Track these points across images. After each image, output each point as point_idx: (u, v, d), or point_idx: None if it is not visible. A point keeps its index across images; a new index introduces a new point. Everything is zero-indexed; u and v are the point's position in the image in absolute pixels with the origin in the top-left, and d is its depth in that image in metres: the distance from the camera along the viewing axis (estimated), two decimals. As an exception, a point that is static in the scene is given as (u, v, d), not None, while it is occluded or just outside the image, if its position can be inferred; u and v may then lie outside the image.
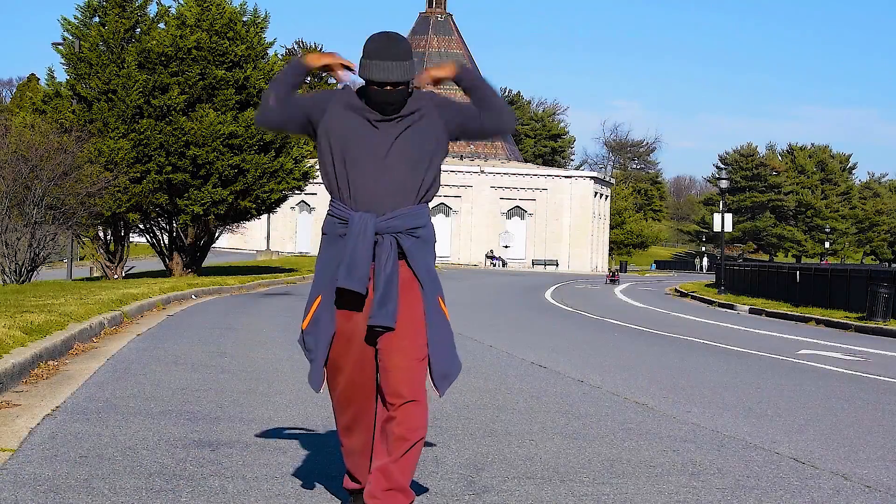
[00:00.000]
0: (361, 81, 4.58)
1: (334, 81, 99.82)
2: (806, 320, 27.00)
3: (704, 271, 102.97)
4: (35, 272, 26.65)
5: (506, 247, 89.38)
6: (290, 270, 44.80)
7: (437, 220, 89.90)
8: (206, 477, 5.68)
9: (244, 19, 36.27)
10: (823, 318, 26.47)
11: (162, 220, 36.40)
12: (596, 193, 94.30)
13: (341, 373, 4.73)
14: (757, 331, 22.27)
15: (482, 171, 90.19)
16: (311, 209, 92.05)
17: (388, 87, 4.48)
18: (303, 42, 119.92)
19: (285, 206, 57.14)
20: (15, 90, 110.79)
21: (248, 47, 35.52)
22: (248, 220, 39.20)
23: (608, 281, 60.97)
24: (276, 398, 8.68)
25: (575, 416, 8.51)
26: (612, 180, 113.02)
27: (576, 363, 12.87)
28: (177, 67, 34.20)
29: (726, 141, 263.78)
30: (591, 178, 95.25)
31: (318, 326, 4.70)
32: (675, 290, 48.45)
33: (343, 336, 4.69)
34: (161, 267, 39.56)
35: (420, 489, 5.56)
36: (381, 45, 4.47)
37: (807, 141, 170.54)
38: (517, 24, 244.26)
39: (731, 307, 33.73)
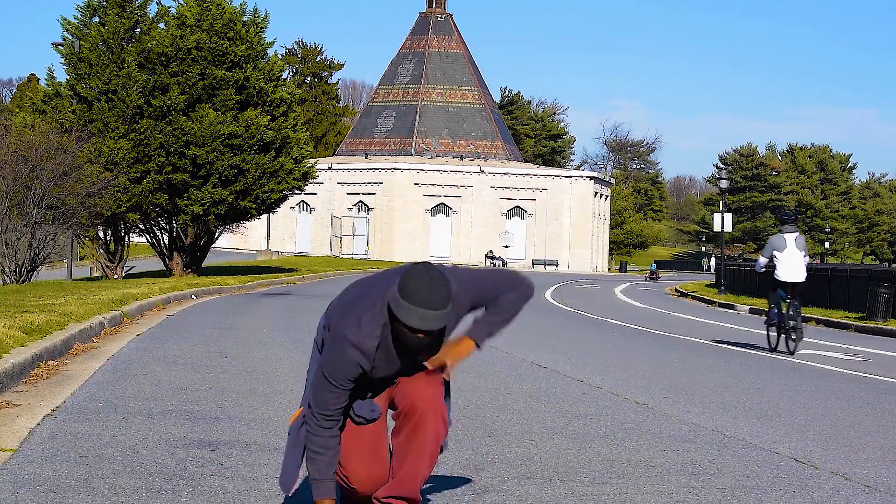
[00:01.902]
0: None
1: (333, 82, 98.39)
2: (806, 320, 26.98)
3: (712, 272, 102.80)
4: (35, 272, 26.65)
5: (506, 247, 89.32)
6: (290, 270, 44.79)
7: (437, 220, 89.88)
8: (206, 477, 5.69)
9: (244, 19, 36.24)
10: (823, 318, 26.48)
11: (162, 220, 36.38)
12: (596, 193, 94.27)
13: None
14: (757, 331, 22.26)
15: (482, 171, 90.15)
16: (311, 209, 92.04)
17: (420, 335, 4.32)
18: (303, 42, 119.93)
19: (285, 206, 57.13)
20: (15, 90, 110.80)
21: (248, 47, 35.50)
22: (248, 220, 39.16)
23: (647, 279, 70.68)
24: (276, 398, 8.68)
25: (575, 416, 8.51)
26: (612, 180, 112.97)
27: (576, 363, 12.87)
28: (177, 67, 34.19)
29: (726, 141, 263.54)
30: (591, 178, 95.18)
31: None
32: (675, 290, 48.45)
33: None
34: (161, 267, 39.55)
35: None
36: (423, 290, 4.24)
37: (807, 141, 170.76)
38: (517, 24, 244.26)
39: (731, 307, 33.72)
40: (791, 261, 15.85)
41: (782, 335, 16.03)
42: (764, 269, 16.30)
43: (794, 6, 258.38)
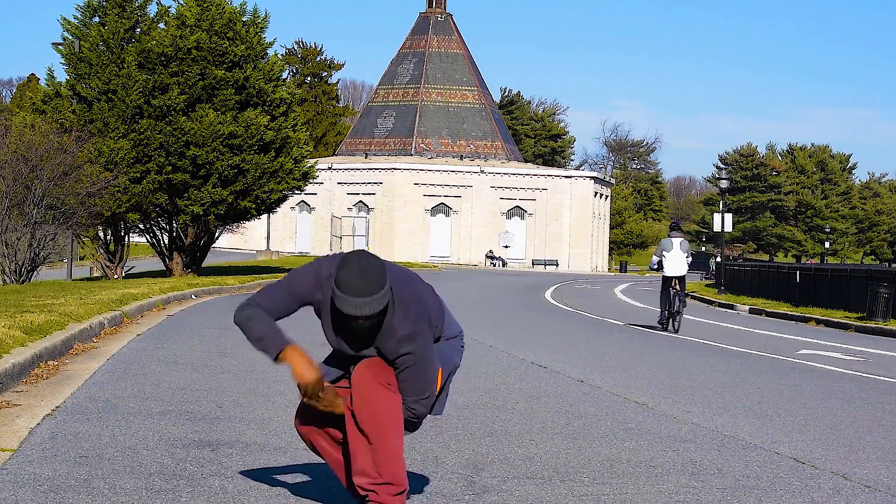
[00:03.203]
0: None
1: (333, 82, 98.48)
2: (806, 320, 27.00)
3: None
4: (35, 272, 26.64)
5: (506, 247, 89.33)
6: (289, 270, 44.76)
7: (437, 220, 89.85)
8: (206, 477, 5.69)
9: (244, 19, 36.21)
10: (823, 318, 26.48)
11: (162, 220, 36.36)
12: (596, 193, 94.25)
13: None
14: (757, 331, 22.27)
15: (482, 171, 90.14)
16: (311, 209, 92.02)
17: (361, 320, 4.58)
18: (303, 42, 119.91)
19: (285, 206, 57.11)
20: (15, 90, 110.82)
21: (247, 47, 35.48)
22: (248, 220, 39.13)
23: (703, 278, 76.95)
24: (276, 398, 8.69)
25: (575, 416, 8.51)
26: (612, 180, 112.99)
27: (576, 363, 12.87)
28: (177, 67, 34.18)
29: (726, 141, 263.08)
30: (591, 178, 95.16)
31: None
32: (675, 290, 48.42)
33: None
34: (161, 267, 39.55)
35: (421, 487, 5.57)
36: (353, 280, 4.52)
37: (807, 141, 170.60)
38: (517, 23, 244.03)
39: (731, 307, 33.72)
40: (675, 259, 19.96)
41: (670, 319, 20.13)
42: (656, 266, 20.32)
43: (795, 6, 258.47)
